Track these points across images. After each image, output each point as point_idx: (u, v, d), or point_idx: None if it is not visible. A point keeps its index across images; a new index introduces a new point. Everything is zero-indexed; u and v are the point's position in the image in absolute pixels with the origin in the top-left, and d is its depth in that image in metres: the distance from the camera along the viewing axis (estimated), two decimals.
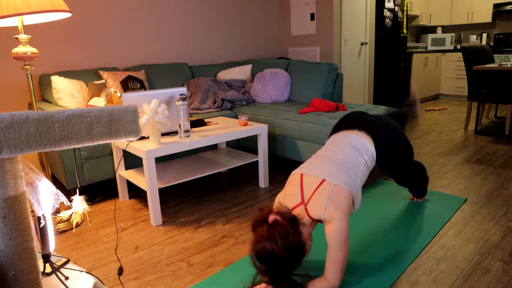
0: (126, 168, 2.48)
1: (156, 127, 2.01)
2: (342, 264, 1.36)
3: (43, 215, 1.07)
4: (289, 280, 1.34)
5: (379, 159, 1.71)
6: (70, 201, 2.08)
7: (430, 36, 6.55)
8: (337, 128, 1.82)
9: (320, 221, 1.41)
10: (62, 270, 1.22)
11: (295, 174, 1.53)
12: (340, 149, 1.59)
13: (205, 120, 2.67)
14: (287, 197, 1.48)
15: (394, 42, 5.23)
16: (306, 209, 1.41)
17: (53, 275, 1.16)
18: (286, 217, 1.37)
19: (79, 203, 1.84)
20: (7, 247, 0.84)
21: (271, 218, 1.34)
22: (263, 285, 1.40)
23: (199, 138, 2.13)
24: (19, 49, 1.83)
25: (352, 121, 1.77)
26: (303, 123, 2.60)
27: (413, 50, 5.85)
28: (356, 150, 1.59)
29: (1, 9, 1.69)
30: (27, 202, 0.89)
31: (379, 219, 2.02)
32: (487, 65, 3.78)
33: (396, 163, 1.78)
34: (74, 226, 2.09)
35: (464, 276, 1.50)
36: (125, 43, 3.31)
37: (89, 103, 2.53)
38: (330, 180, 1.42)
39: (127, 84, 2.87)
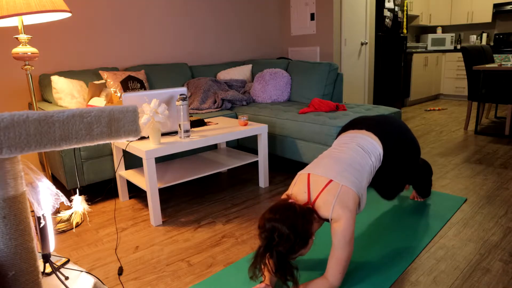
0: (126, 168, 2.48)
1: (156, 127, 2.01)
2: (344, 264, 1.36)
3: (43, 215, 1.07)
4: (283, 265, 1.29)
5: (386, 159, 1.70)
6: (70, 201, 2.08)
7: (430, 36, 6.55)
8: (344, 129, 1.84)
9: (327, 220, 1.41)
10: (62, 270, 1.22)
11: (301, 174, 1.53)
12: (348, 149, 1.60)
13: (205, 120, 2.67)
14: (294, 197, 1.48)
15: (394, 42, 5.23)
16: (313, 208, 1.42)
17: (53, 275, 1.16)
18: (306, 206, 1.40)
19: (79, 203, 1.83)
20: (7, 247, 0.84)
21: (291, 201, 1.39)
22: (263, 285, 1.40)
23: (199, 138, 2.13)
24: (19, 49, 1.83)
25: (360, 122, 1.79)
26: (303, 123, 2.60)
27: (413, 50, 5.85)
28: (365, 151, 1.60)
29: (1, 9, 1.69)
30: (27, 202, 0.89)
31: (379, 219, 2.02)
32: (487, 65, 3.78)
33: (403, 163, 1.78)
34: (74, 226, 2.09)
35: (464, 276, 1.50)
36: (125, 43, 3.31)
37: (89, 103, 2.53)
38: (337, 180, 1.42)
39: (127, 84, 2.87)
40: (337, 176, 1.44)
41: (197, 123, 2.47)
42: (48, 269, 1.18)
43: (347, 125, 1.85)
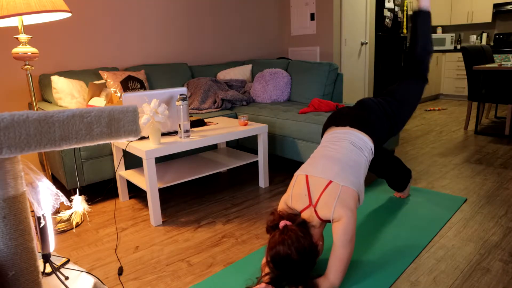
0: (126, 168, 2.48)
1: (156, 127, 2.01)
2: (345, 262, 1.36)
3: (43, 215, 1.07)
4: (305, 281, 1.35)
5: (377, 147, 1.75)
6: (70, 201, 2.08)
7: None
8: (327, 125, 1.82)
9: (329, 221, 1.42)
10: (62, 270, 1.22)
11: (299, 176, 1.52)
12: (341, 148, 1.59)
13: (205, 120, 2.67)
14: (295, 199, 1.48)
15: (394, 42, 5.23)
16: (315, 210, 1.42)
17: (53, 275, 1.16)
18: (296, 221, 1.39)
19: (79, 203, 1.84)
20: (7, 247, 0.84)
21: (282, 224, 1.37)
22: (263, 285, 1.40)
23: (199, 138, 2.13)
24: (19, 49, 1.83)
25: (340, 118, 1.78)
26: (303, 123, 2.60)
27: None
28: (357, 148, 1.60)
29: (1, 9, 1.69)
30: (27, 202, 0.89)
31: (379, 219, 2.02)
32: (487, 65, 3.78)
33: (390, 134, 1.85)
34: (74, 226, 2.09)
35: (464, 276, 1.50)
36: (125, 43, 3.31)
37: (89, 103, 2.53)
38: (337, 181, 1.42)
39: (127, 84, 2.87)
40: (336, 176, 1.44)
41: (197, 123, 2.47)
42: (48, 269, 1.18)
43: (329, 121, 1.83)
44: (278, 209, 1.53)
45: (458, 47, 6.72)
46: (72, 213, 2.10)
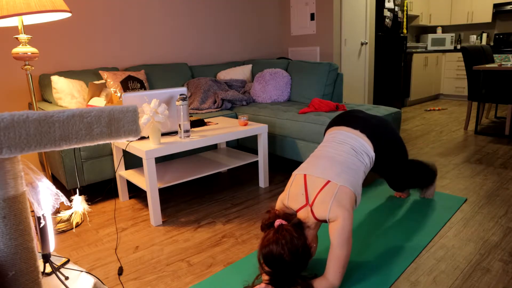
0: (126, 168, 2.48)
1: (156, 127, 2.01)
2: (343, 262, 1.36)
3: (43, 215, 1.07)
4: (295, 281, 1.35)
5: (377, 160, 1.73)
6: (70, 201, 2.08)
7: (430, 36, 6.55)
8: (337, 122, 1.80)
9: (325, 221, 1.42)
10: (62, 270, 1.22)
11: (297, 175, 1.53)
12: (343, 151, 1.59)
13: (205, 120, 2.67)
14: (291, 198, 1.48)
15: (394, 42, 5.23)
16: (311, 210, 1.42)
17: (53, 275, 1.16)
18: (292, 221, 1.38)
19: (79, 203, 1.84)
20: (7, 247, 0.84)
21: (277, 223, 1.37)
22: (263, 285, 1.40)
23: (199, 138, 2.13)
24: (19, 49, 1.83)
25: (355, 120, 1.76)
26: (303, 123, 2.60)
27: (413, 50, 5.85)
28: (358, 153, 1.60)
29: (1, 9, 1.69)
30: (27, 202, 0.89)
31: (379, 219, 2.02)
32: (487, 65, 3.78)
33: (392, 165, 1.81)
34: (74, 226, 2.09)
35: (464, 276, 1.50)
36: (125, 43, 3.31)
37: (89, 103, 2.53)
38: (335, 181, 1.43)
39: (127, 84, 2.87)
40: (334, 177, 1.44)
41: (197, 123, 2.47)
42: (48, 269, 1.18)
43: (341, 119, 1.80)
44: (275, 208, 1.54)
45: (458, 47, 6.72)
46: (72, 213, 2.10)
